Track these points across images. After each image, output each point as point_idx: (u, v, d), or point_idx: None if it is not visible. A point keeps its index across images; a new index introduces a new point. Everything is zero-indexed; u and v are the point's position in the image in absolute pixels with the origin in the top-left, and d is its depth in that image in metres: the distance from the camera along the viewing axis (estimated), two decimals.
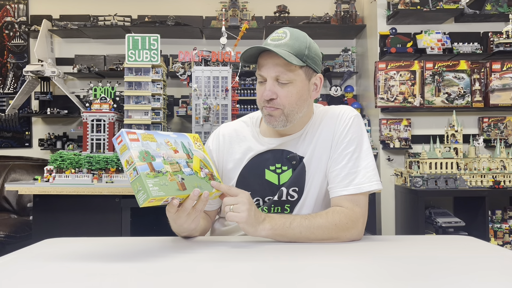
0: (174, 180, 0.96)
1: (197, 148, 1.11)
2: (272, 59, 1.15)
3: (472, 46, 3.46)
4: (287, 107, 1.17)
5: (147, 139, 0.98)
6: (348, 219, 1.11)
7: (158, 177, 0.93)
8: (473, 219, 3.05)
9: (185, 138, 1.10)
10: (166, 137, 1.04)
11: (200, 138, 1.16)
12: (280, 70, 1.14)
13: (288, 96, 1.16)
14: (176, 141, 1.06)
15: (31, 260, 0.95)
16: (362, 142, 1.21)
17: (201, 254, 0.99)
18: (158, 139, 1.01)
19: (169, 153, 1.00)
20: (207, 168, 1.09)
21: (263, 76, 1.17)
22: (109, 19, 3.85)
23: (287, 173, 1.24)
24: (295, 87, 1.16)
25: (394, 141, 3.40)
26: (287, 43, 1.14)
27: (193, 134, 1.14)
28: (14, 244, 2.90)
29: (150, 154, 0.95)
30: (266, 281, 0.78)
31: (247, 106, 3.66)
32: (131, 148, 0.92)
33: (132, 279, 0.80)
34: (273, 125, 1.19)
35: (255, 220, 1.03)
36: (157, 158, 0.96)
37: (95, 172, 2.56)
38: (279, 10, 3.91)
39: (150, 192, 0.89)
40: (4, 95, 4.10)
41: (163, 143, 1.01)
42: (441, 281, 0.77)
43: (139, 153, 0.93)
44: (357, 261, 0.95)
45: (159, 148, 0.99)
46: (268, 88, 1.15)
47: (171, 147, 1.02)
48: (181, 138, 1.08)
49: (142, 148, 0.95)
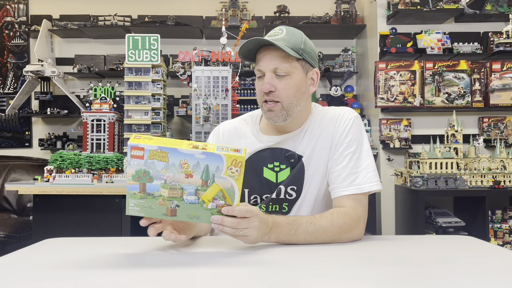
0: (164, 205, 0.92)
1: (229, 174, 0.91)
2: (269, 53, 1.18)
3: (472, 46, 3.46)
4: (286, 100, 1.18)
5: (155, 157, 0.88)
6: (351, 220, 1.12)
7: (145, 199, 0.91)
8: (473, 219, 3.05)
9: (216, 161, 0.90)
10: (187, 157, 0.89)
11: (244, 162, 0.92)
12: (277, 62, 1.17)
13: (287, 88, 1.18)
14: (200, 163, 0.90)
15: (31, 260, 0.95)
16: (362, 143, 1.22)
17: (200, 254, 0.99)
18: (173, 158, 0.88)
19: (177, 177, 0.90)
20: (224, 200, 0.93)
21: (261, 70, 1.19)
22: (109, 19, 3.85)
23: (285, 172, 1.24)
24: (293, 80, 1.19)
25: (394, 141, 3.40)
26: (284, 37, 1.17)
27: (237, 155, 0.90)
28: (14, 244, 2.90)
29: (148, 175, 0.89)
30: (266, 281, 0.78)
31: (247, 106, 3.66)
32: (129, 165, 0.89)
33: (132, 279, 0.80)
34: (274, 120, 1.20)
35: (262, 236, 1.00)
36: (156, 180, 0.90)
37: (95, 172, 2.57)
38: (279, 10, 3.91)
39: (128, 209, 0.92)
40: (4, 95, 4.10)
41: (176, 164, 0.89)
42: (441, 281, 0.77)
43: (136, 172, 0.89)
44: (357, 261, 0.95)
45: (165, 169, 0.89)
46: (266, 81, 1.18)
47: (185, 170, 0.90)
48: (210, 160, 0.90)
49: (143, 167, 0.89)
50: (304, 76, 1.22)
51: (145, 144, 0.88)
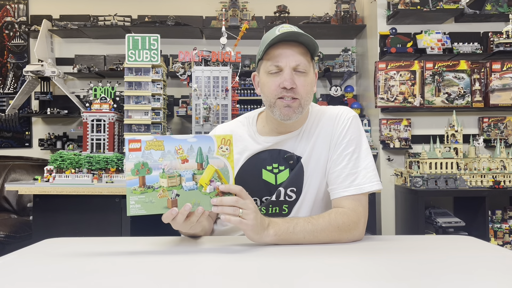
0: (165, 196, 0.95)
1: (220, 154, 0.98)
2: (290, 48, 1.15)
3: (472, 46, 3.46)
4: (304, 97, 1.18)
5: (152, 147, 0.94)
6: (350, 220, 1.11)
7: (145, 193, 0.94)
8: (473, 219, 3.05)
9: (207, 142, 0.98)
10: (181, 142, 0.96)
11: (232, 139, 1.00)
12: (300, 59, 1.16)
13: (305, 86, 1.17)
14: (193, 146, 0.96)
15: (31, 260, 0.95)
16: (361, 143, 1.21)
17: (201, 254, 0.99)
18: (168, 146, 0.95)
19: (174, 164, 0.95)
20: (219, 181, 0.98)
21: (280, 66, 1.16)
22: (109, 19, 3.85)
23: (284, 173, 1.24)
24: (309, 78, 1.19)
25: (394, 141, 3.40)
26: (301, 32, 1.14)
27: (224, 135, 0.99)
28: (14, 244, 2.90)
29: (147, 166, 0.94)
30: (267, 281, 0.78)
31: (247, 106, 3.66)
32: (127, 160, 0.93)
33: (132, 279, 0.80)
34: (289, 116, 1.17)
35: (261, 227, 1.02)
36: (154, 170, 0.94)
37: (95, 172, 2.56)
38: (279, 10, 3.91)
39: (129, 209, 0.93)
40: (4, 95, 4.10)
41: (172, 151, 0.95)
42: (441, 281, 0.77)
43: (134, 165, 0.93)
44: (357, 261, 0.95)
45: (162, 158, 0.94)
46: (288, 77, 1.15)
47: (180, 155, 0.96)
48: (202, 142, 0.97)
49: (141, 159, 0.94)
50: (313, 74, 1.23)
51: (141, 136, 0.96)
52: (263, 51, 1.18)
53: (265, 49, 1.17)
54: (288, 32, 1.13)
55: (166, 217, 0.96)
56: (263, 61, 1.21)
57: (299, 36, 1.14)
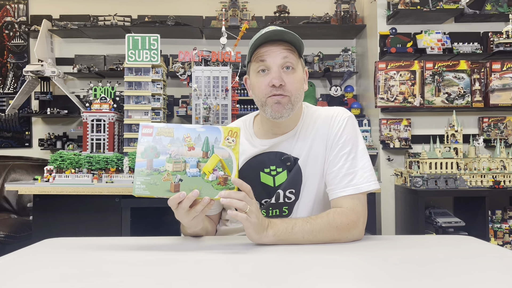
0: (168, 180, 0.99)
1: (226, 145, 1.02)
2: (276, 47, 1.17)
3: (472, 46, 3.46)
4: (294, 94, 1.18)
5: (162, 134, 1.01)
6: (349, 220, 1.11)
7: (151, 176, 0.99)
8: (473, 219, 3.05)
9: (215, 133, 1.02)
10: (190, 131, 1.01)
11: (239, 132, 1.03)
12: (286, 56, 1.17)
13: (294, 82, 1.18)
14: (200, 135, 1.01)
15: (31, 260, 0.95)
16: (357, 143, 1.21)
17: (202, 253, 0.99)
18: (177, 133, 1.01)
19: (181, 151, 1.00)
20: (223, 171, 1.01)
21: (268, 64, 1.17)
22: (109, 19, 3.85)
23: (282, 175, 1.24)
24: (298, 74, 1.20)
25: (394, 141, 3.40)
26: (286, 30, 1.17)
27: (232, 127, 1.03)
28: (14, 244, 2.90)
29: (156, 151, 1.00)
30: (267, 281, 0.78)
31: (247, 106, 3.66)
32: (139, 143, 1.01)
33: (132, 279, 0.80)
34: (281, 113, 1.17)
35: (261, 227, 1.03)
36: (162, 155, 1.00)
37: (95, 172, 2.56)
38: (279, 10, 3.91)
39: (134, 189, 0.99)
40: (4, 95, 4.10)
41: (180, 138, 1.01)
42: (441, 281, 0.77)
43: (144, 149, 1.00)
44: (357, 261, 0.95)
45: (171, 144, 1.00)
46: (275, 75, 1.16)
47: (188, 143, 1.01)
48: (210, 132, 1.02)
49: (151, 143, 1.00)
50: (303, 72, 1.24)
51: (154, 123, 1.02)
52: (250, 52, 1.20)
53: (251, 50, 1.20)
54: (272, 31, 1.15)
55: (173, 199, 0.98)
56: (252, 63, 1.22)
57: (284, 35, 1.15)
